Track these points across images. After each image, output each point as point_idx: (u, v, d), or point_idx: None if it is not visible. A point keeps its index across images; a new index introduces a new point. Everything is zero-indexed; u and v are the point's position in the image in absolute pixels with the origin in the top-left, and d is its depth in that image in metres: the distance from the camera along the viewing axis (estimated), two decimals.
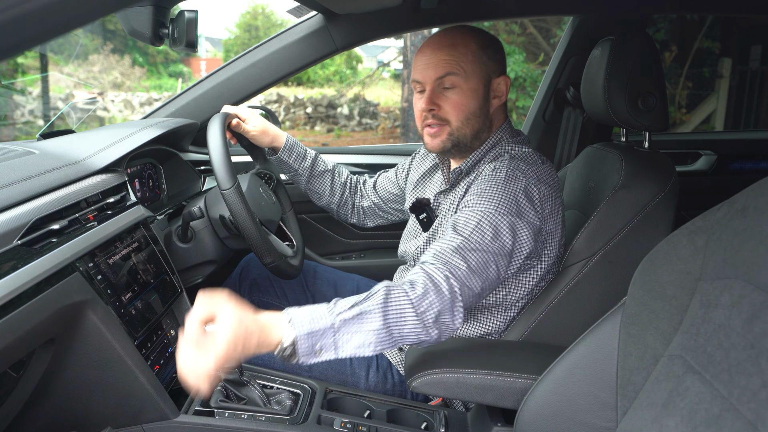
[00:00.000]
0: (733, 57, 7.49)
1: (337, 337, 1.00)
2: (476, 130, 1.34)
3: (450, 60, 1.29)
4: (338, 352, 1.01)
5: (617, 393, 0.89)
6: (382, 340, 1.03)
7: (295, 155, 1.67)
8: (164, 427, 1.16)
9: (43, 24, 0.44)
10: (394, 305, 1.04)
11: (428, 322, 1.05)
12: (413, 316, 1.04)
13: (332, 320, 1.01)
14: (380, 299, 1.04)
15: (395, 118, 11.17)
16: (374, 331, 1.02)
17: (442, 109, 1.32)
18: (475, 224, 1.17)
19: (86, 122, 1.79)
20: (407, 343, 1.06)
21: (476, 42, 1.31)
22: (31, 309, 0.89)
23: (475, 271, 1.13)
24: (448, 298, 1.07)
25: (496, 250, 1.16)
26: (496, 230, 1.17)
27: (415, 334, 1.05)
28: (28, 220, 0.97)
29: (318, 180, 1.72)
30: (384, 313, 1.03)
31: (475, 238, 1.15)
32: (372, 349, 1.02)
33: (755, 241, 0.71)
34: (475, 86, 1.31)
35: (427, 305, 1.05)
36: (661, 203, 1.30)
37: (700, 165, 2.46)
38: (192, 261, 1.54)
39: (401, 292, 1.06)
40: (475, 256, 1.14)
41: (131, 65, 13.50)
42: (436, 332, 1.06)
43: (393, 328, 1.04)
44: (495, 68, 1.33)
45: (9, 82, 5.73)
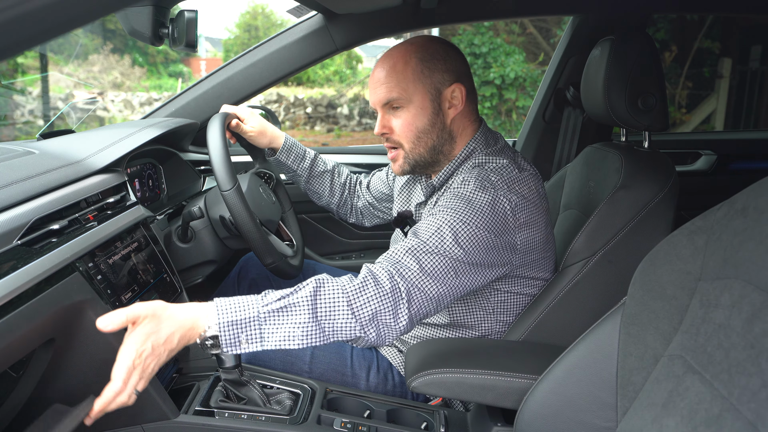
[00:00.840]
0: (733, 57, 7.50)
1: (263, 328, 1.01)
2: (432, 146, 1.31)
3: (389, 83, 1.28)
4: (264, 344, 1.01)
5: (617, 393, 0.89)
6: (310, 333, 1.02)
7: (293, 156, 1.67)
8: (164, 427, 1.16)
9: (43, 24, 0.44)
10: (326, 298, 1.03)
11: (363, 319, 1.03)
12: (346, 310, 1.03)
13: (258, 310, 1.01)
14: (310, 291, 1.03)
15: None
16: (302, 324, 1.01)
17: (394, 132, 1.32)
18: (435, 229, 1.14)
19: (86, 122, 1.79)
20: (342, 339, 1.04)
21: (417, 56, 1.27)
22: (31, 309, 0.89)
23: (430, 273, 1.09)
24: (389, 296, 1.05)
25: (456, 257, 1.11)
26: (457, 237, 1.12)
27: (348, 329, 1.03)
28: (28, 220, 0.97)
29: (317, 180, 1.72)
30: (313, 307, 1.02)
31: (432, 241, 1.12)
32: (299, 342, 1.01)
33: (755, 241, 0.71)
34: (421, 103, 1.28)
35: (363, 301, 1.04)
36: (661, 203, 1.30)
37: (700, 165, 2.46)
38: (192, 261, 1.54)
39: (336, 285, 1.05)
40: (430, 258, 1.10)
41: (131, 65, 13.49)
42: (373, 332, 1.04)
43: (324, 321, 1.02)
44: (444, 78, 1.28)
45: (9, 82, 5.73)
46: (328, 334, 1.03)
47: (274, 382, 1.30)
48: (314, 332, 1.02)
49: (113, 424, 1.16)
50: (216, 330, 1.00)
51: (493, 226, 1.16)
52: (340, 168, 1.76)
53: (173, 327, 0.98)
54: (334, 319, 1.03)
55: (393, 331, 1.07)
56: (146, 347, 0.95)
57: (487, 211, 1.16)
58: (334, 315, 1.03)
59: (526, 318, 1.33)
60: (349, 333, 1.04)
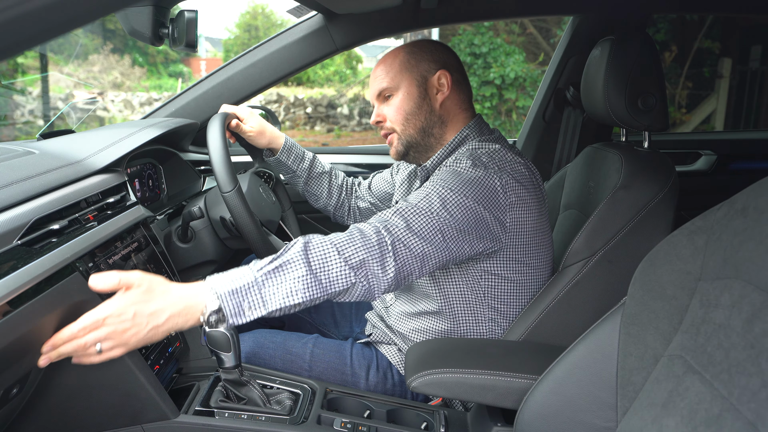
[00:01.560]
0: (733, 57, 7.50)
1: (263, 291, 1.02)
2: (421, 127, 1.39)
3: (380, 76, 1.40)
4: (267, 307, 1.02)
5: (617, 393, 0.89)
6: (309, 286, 1.04)
7: (293, 157, 1.68)
8: (164, 427, 1.16)
9: (43, 24, 0.44)
10: (317, 251, 1.06)
11: (354, 265, 1.06)
12: (338, 258, 1.06)
13: (254, 276, 1.02)
14: (300, 248, 1.06)
15: None
16: (300, 278, 1.03)
17: (387, 118, 1.41)
18: (424, 195, 1.19)
19: (86, 122, 1.79)
20: (338, 290, 1.06)
21: (404, 50, 1.40)
22: (31, 309, 0.89)
23: (416, 232, 1.13)
24: (376, 246, 1.09)
25: (443, 219, 1.16)
26: (444, 202, 1.17)
27: (343, 277, 1.06)
28: (28, 220, 0.97)
29: (316, 182, 1.73)
30: (306, 259, 1.04)
31: (421, 204, 1.17)
32: (301, 296, 1.03)
33: (755, 241, 0.71)
34: (408, 89, 1.38)
35: (352, 249, 1.07)
36: (661, 203, 1.30)
37: (700, 165, 2.46)
38: (192, 261, 1.54)
39: (324, 238, 1.09)
40: (417, 218, 1.15)
41: (131, 65, 13.49)
42: (363, 280, 1.07)
43: (319, 273, 1.05)
44: (429, 67, 1.38)
45: (9, 82, 5.73)
46: (325, 285, 1.05)
47: (274, 382, 1.30)
48: (313, 285, 1.04)
49: (113, 424, 1.16)
50: (217, 303, 0.99)
51: (482, 198, 1.20)
52: (336, 170, 1.78)
53: (164, 303, 0.97)
54: (328, 268, 1.05)
55: (381, 282, 1.09)
56: (127, 311, 0.95)
57: (476, 184, 1.21)
58: (328, 265, 1.06)
59: (526, 318, 1.33)
60: (345, 281, 1.07)
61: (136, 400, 1.14)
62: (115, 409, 1.15)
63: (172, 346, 1.34)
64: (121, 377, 1.11)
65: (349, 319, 1.72)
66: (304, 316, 1.73)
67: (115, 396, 1.13)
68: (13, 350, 0.89)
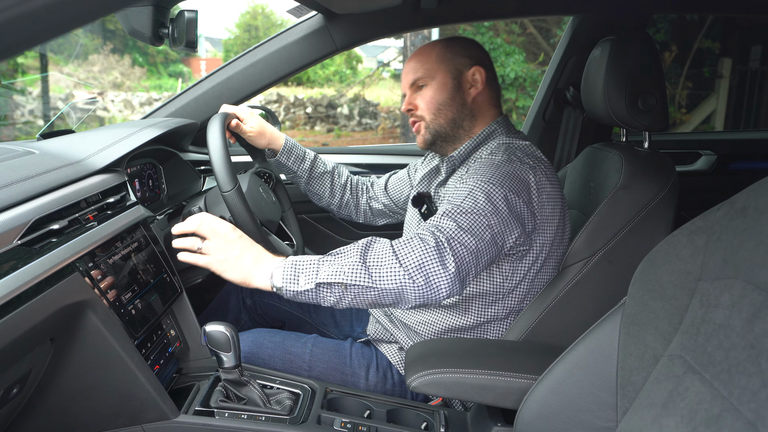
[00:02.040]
0: (733, 57, 7.50)
1: (319, 267, 1.12)
2: (452, 118, 1.41)
3: (415, 66, 1.43)
4: (318, 277, 1.11)
5: (617, 393, 0.89)
6: (356, 271, 1.10)
7: (294, 157, 1.67)
8: (164, 427, 1.16)
9: (43, 24, 0.44)
10: (375, 249, 1.14)
11: (410, 268, 1.09)
12: (393, 259, 1.11)
13: (318, 258, 1.15)
14: (362, 243, 1.15)
15: (395, 118, 11.17)
16: (350, 264, 1.11)
17: (418, 107, 1.44)
18: (467, 193, 1.21)
19: (86, 122, 1.79)
20: (390, 287, 1.10)
21: (441, 44, 1.43)
22: (31, 309, 0.89)
23: (467, 230, 1.15)
24: (433, 247, 1.11)
25: (489, 213, 1.18)
26: (489, 197, 1.20)
27: (393, 275, 1.10)
28: (28, 220, 0.97)
29: (317, 182, 1.72)
30: (363, 254, 1.12)
31: (467, 204, 1.19)
32: (346, 277, 1.10)
33: (755, 241, 0.71)
34: (443, 80, 1.41)
35: (408, 251, 1.11)
36: (661, 203, 1.30)
37: (700, 165, 2.46)
38: None
39: (386, 241, 1.16)
40: (465, 217, 1.17)
41: (131, 65, 13.49)
42: (421, 279, 1.10)
43: (371, 266, 1.10)
44: (464, 62, 1.41)
45: (9, 82, 5.73)
46: (375, 278, 1.10)
47: (274, 382, 1.30)
48: (361, 272, 1.10)
49: (113, 424, 1.16)
50: (280, 270, 1.14)
51: (520, 191, 1.23)
52: (340, 169, 1.77)
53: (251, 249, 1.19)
54: (380, 265, 1.11)
55: (443, 279, 1.11)
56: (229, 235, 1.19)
57: (514, 178, 1.24)
58: (381, 262, 1.11)
59: (526, 318, 1.33)
60: (395, 279, 1.10)
61: (136, 400, 1.14)
62: (115, 409, 1.15)
63: (172, 346, 1.34)
64: (121, 377, 1.11)
65: (350, 319, 1.72)
66: (303, 316, 1.73)
67: (115, 396, 1.13)
68: (13, 350, 0.89)
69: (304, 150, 1.70)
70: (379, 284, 1.10)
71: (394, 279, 1.10)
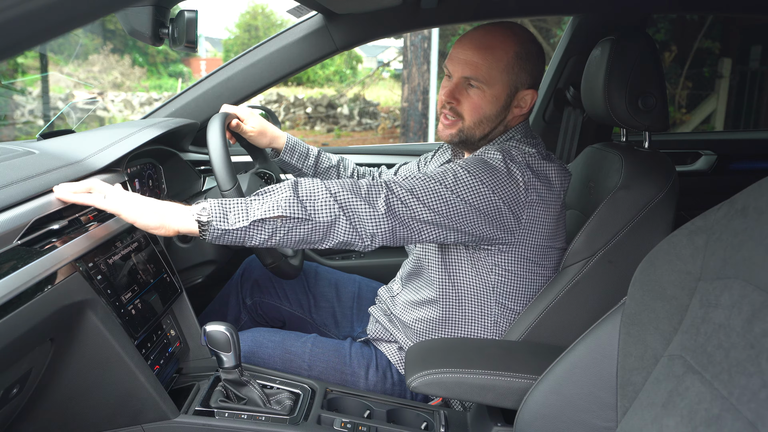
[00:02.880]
0: (733, 57, 7.50)
1: (249, 207, 1.10)
2: (486, 133, 1.37)
3: (481, 63, 1.30)
4: (249, 216, 1.09)
5: (617, 393, 0.89)
6: (292, 204, 1.10)
7: (297, 155, 1.67)
8: (164, 427, 1.16)
9: (43, 24, 0.44)
10: (306, 183, 1.13)
11: (341, 200, 1.10)
12: (324, 191, 1.11)
13: (243, 199, 1.12)
14: (290, 181, 1.13)
15: (395, 118, 11.17)
16: (285, 198, 1.10)
17: (461, 105, 1.34)
18: (441, 171, 1.21)
19: (86, 122, 1.79)
20: (323, 221, 1.11)
21: (515, 51, 1.31)
22: (31, 309, 0.89)
23: (417, 196, 1.15)
24: (365, 191, 1.12)
25: (450, 192, 1.17)
26: (457, 179, 1.19)
27: (327, 208, 1.11)
28: (28, 220, 0.97)
29: (323, 176, 1.71)
30: (294, 188, 1.12)
31: (432, 175, 1.19)
32: (283, 210, 1.09)
33: (755, 241, 0.71)
34: (498, 94, 1.32)
35: (338, 187, 1.12)
36: (661, 203, 1.30)
37: (700, 165, 2.46)
38: (192, 261, 1.54)
39: (314, 179, 1.15)
40: (422, 184, 1.17)
41: (131, 65, 13.49)
42: (345, 217, 1.11)
43: (305, 199, 1.11)
44: (525, 80, 1.33)
45: (9, 82, 5.73)
46: (309, 211, 1.10)
47: (274, 382, 1.30)
48: (296, 205, 1.10)
49: (113, 424, 1.16)
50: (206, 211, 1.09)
51: (499, 189, 1.21)
52: (346, 162, 1.75)
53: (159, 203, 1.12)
54: (314, 198, 1.11)
55: (366, 221, 1.12)
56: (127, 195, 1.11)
57: (498, 175, 1.22)
58: (315, 195, 1.12)
59: (526, 318, 1.33)
60: (329, 212, 1.11)
61: (136, 400, 1.14)
62: (115, 409, 1.15)
63: (172, 346, 1.34)
64: (121, 377, 1.11)
65: (350, 319, 1.72)
66: (304, 316, 1.73)
67: (115, 396, 1.13)
68: (13, 350, 0.89)
69: (307, 147, 1.69)
70: (314, 216, 1.10)
71: (328, 210, 1.10)
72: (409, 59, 8.63)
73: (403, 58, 8.98)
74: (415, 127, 8.59)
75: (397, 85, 12.39)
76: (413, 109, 8.71)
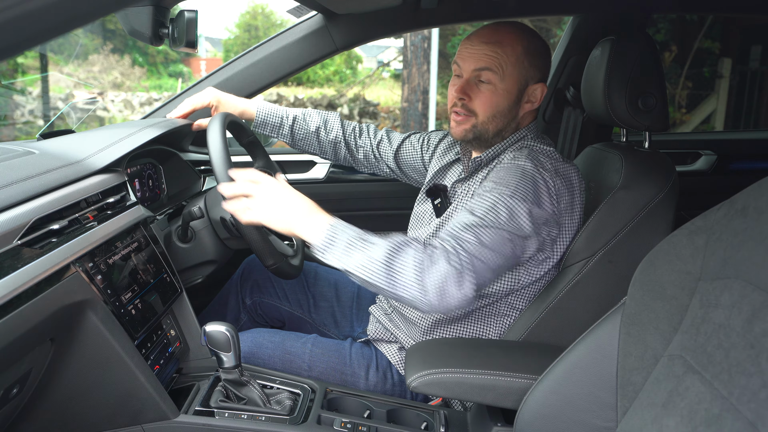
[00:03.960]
0: (733, 57, 7.50)
1: (350, 251, 1.12)
2: (499, 128, 1.36)
3: (492, 56, 1.31)
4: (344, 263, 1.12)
5: (617, 393, 0.89)
6: (379, 273, 1.10)
7: (270, 127, 1.68)
8: (164, 427, 1.16)
9: (43, 24, 0.44)
10: (402, 256, 1.10)
11: (428, 286, 1.08)
12: (414, 272, 1.09)
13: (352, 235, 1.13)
14: (394, 245, 1.12)
15: (395, 118, 11.17)
16: (376, 262, 1.10)
17: (473, 101, 1.34)
18: (490, 205, 1.19)
19: (86, 122, 1.79)
20: (404, 296, 1.10)
21: (523, 45, 1.32)
22: (31, 309, 0.89)
23: (488, 246, 1.14)
24: (455, 269, 1.09)
25: (511, 230, 1.17)
26: (511, 212, 1.18)
27: (410, 288, 1.09)
28: (28, 220, 0.97)
29: (303, 143, 1.72)
30: (390, 256, 1.10)
31: (489, 217, 1.17)
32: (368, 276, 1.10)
33: (755, 241, 0.71)
34: (510, 88, 1.33)
35: (431, 271, 1.09)
36: (661, 203, 1.30)
37: (700, 165, 2.46)
38: (192, 261, 1.54)
39: (414, 248, 1.11)
40: (488, 232, 1.16)
41: (131, 65, 13.49)
42: (436, 298, 1.08)
43: (394, 272, 1.09)
44: (534, 75, 1.34)
45: (9, 82, 5.73)
46: (394, 284, 1.10)
47: (274, 382, 1.30)
48: (382, 275, 1.10)
49: (113, 424, 1.16)
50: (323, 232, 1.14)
51: (543, 203, 1.22)
52: (331, 124, 1.71)
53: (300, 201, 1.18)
54: (402, 274, 1.10)
55: (455, 299, 1.10)
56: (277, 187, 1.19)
57: (536, 189, 1.22)
58: (403, 271, 1.09)
59: (526, 318, 1.33)
60: (411, 293, 1.09)
61: (136, 400, 1.14)
62: (115, 409, 1.15)
63: (172, 346, 1.34)
64: (121, 377, 1.11)
65: (350, 319, 1.72)
66: (303, 316, 1.73)
67: (115, 396, 1.13)
68: (13, 350, 0.89)
69: (281, 117, 1.67)
70: (396, 291, 1.10)
71: (411, 292, 1.09)
72: (409, 59, 8.64)
73: (403, 58, 8.98)
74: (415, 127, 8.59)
75: (397, 85, 12.39)
76: (413, 109, 8.71)
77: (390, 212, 2.22)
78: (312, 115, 1.71)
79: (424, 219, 1.52)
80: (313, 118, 1.70)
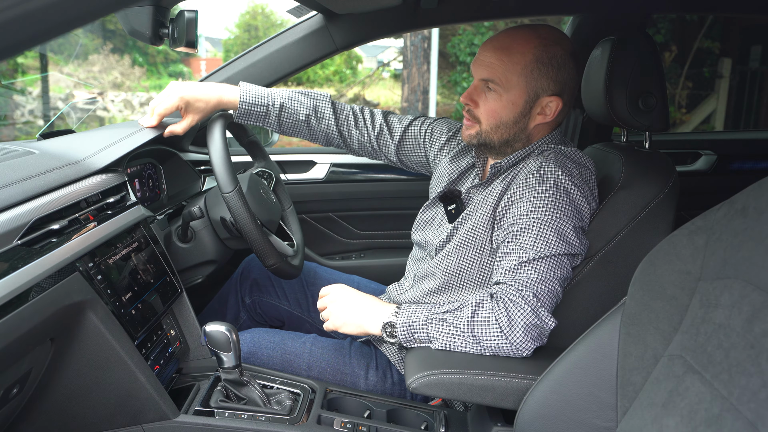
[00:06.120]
0: (733, 57, 7.51)
1: (429, 331, 1.21)
2: (505, 139, 1.34)
3: (498, 66, 1.28)
4: (432, 343, 1.21)
5: (617, 393, 0.89)
6: (466, 342, 1.19)
7: (254, 117, 1.53)
8: (164, 427, 1.16)
9: (43, 24, 0.44)
10: (480, 317, 1.18)
11: (514, 336, 1.16)
12: (497, 327, 1.16)
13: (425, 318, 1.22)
14: (469, 312, 1.19)
15: None
16: (459, 333, 1.19)
17: (478, 108, 1.33)
18: (537, 233, 1.20)
19: (86, 122, 1.79)
20: (491, 349, 1.18)
21: (535, 54, 1.26)
22: (31, 309, 0.89)
23: (549, 276, 1.19)
24: (531, 312, 1.16)
25: (564, 251, 1.21)
26: (560, 234, 1.20)
27: (497, 342, 1.17)
28: (28, 220, 0.97)
29: (291, 131, 1.59)
30: (470, 321, 1.18)
31: (540, 247, 1.19)
32: (457, 347, 1.19)
33: (755, 241, 0.71)
34: (515, 99, 1.29)
35: (512, 324, 1.16)
36: (661, 203, 1.30)
37: (700, 165, 2.46)
38: (192, 261, 1.54)
39: (488, 306, 1.18)
40: (544, 263, 1.19)
41: (131, 65, 13.49)
42: (527, 347, 1.17)
43: (478, 335, 1.18)
44: (547, 86, 1.28)
45: (9, 82, 5.73)
46: (481, 343, 1.18)
47: (274, 382, 1.30)
48: (470, 342, 1.18)
49: (113, 424, 1.16)
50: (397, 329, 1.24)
51: (582, 214, 1.25)
52: (322, 111, 1.57)
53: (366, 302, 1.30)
54: (486, 332, 1.17)
55: (542, 332, 1.18)
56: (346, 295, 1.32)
57: (574, 202, 1.24)
58: (487, 329, 1.17)
59: None
60: (498, 345, 1.17)
61: (136, 400, 1.14)
62: (115, 409, 1.15)
63: (172, 346, 1.34)
64: (121, 377, 1.11)
65: None
66: (302, 316, 1.73)
67: (115, 396, 1.13)
68: (13, 350, 0.89)
69: (267, 104, 1.52)
70: (484, 348, 1.18)
71: (498, 345, 1.17)
72: (409, 59, 8.64)
73: (403, 58, 8.98)
74: None
75: (397, 85, 12.39)
76: (413, 109, 8.71)
77: (390, 212, 2.22)
78: (301, 101, 1.56)
79: (434, 223, 1.50)
80: (302, 103, 1.56)
